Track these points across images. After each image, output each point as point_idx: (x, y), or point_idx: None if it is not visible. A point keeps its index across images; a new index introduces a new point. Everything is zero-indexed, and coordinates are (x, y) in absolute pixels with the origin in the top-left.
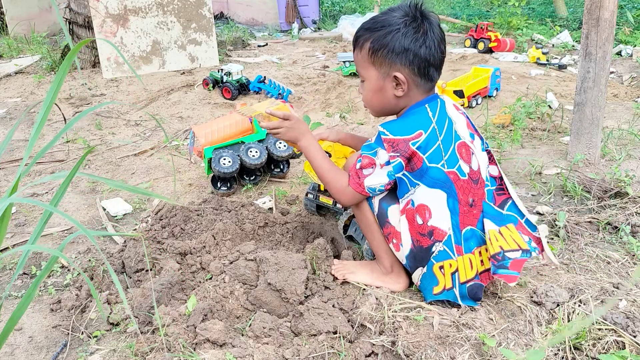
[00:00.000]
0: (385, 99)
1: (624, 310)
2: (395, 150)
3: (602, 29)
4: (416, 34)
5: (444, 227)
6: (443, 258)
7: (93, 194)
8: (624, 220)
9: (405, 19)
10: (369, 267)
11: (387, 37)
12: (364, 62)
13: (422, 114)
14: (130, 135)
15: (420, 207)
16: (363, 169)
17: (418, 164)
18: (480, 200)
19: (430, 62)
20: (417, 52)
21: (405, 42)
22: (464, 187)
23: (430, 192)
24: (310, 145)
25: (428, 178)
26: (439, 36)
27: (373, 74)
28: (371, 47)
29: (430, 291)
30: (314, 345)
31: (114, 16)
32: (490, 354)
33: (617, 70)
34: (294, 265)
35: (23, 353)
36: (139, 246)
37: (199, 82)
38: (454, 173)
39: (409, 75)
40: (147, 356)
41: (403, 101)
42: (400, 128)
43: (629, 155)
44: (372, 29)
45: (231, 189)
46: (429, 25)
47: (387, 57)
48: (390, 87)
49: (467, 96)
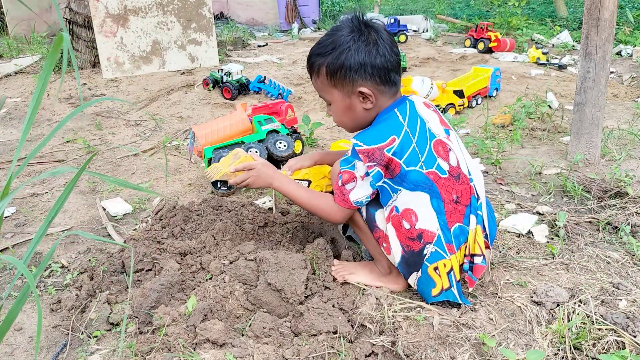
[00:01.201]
0: (355, 115)
1: (624, 310)
2: (372, 160)
3: (602, 29)
4: (367, 46)
5: (432, 228)
6: (436, 259)
7: (93, 194)
8: (624, 220)
9: (353, 35)
10: (368, 267)
11: (341, 57)
12: (325, 87)
13: (392, 119)
14: (130, 135)
15: (406, 211)
16: (345, 185)
17: (396, 170)
18: (465, 195)
19: (389, 68)
20: (374, 63)
21: (360, 57)
22: (445, 185)
23: (413, 196)
24: (283, 185)
25: (408, 182)
26: (389, 41)
27: (337, 95)
28: (328, 71)
29: (429, 294)
30: (314, 345)
31: (114, 16)
32: (490, 354)
33: (617, 70)
34: (294, 265)
35: (23, 353)
36: (139, 246)
37: (199, 82)
38: (434, 173)
39: (372, 87)
40: (147, 356)
41: (373, 111)
42: (372, 137)
43: (629, 155)
44: (323, 53)
45: (231, 189)
46: (377, 33)
47: (347, 76)
48: (357, 102)
49: (467, 96)
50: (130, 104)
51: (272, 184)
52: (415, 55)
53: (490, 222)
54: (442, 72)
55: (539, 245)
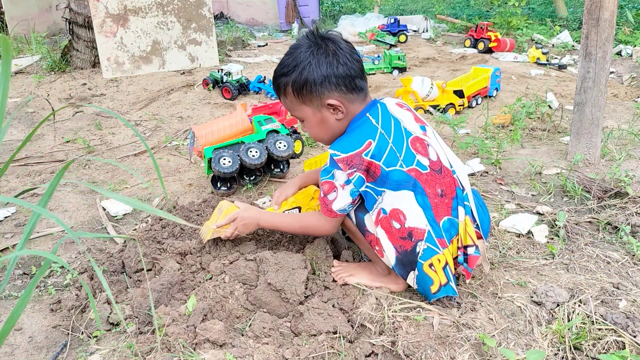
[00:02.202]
0: (329, 127)
1: (624, 310)
2: (352, 166)
3: (602, 29)
4: (327, 58)
5: (421, 225)
6: (430, 255)
7: (93, 194)
8: (624, 220)
9: (311, 50)
10: (367, 268)
11: (304, 73)
12: (295, 105)
13: (365, 124)
14: (130, 135)
15: (393, 212)
16: (327, 195)
17: (377, 172)
18: (449, 188)
19: (352, 76)
20: (337, 73)
21: (322, 70)
22: (428, 180)
23: (398, 195)
24: (269, 221)
25: (391, 182)
26: (348, 49)
27: (308, 111)
28: (294, 89)
29: (428, 292)
30: (314, 345)
31: (114, 16)
32: (490, 354)
33: (617, 70)
34: (294, 265)
35: (23, 353)
36: (139, 246)
37: (199, 82)
38: (415, 170)
39: (340, 97)
40: (147, 356)
41: (346, 120)
42: (348, 144)
43: (629, 155)
44: (286, 72)
45: (231, 189)
46: (335, 44)
47: (313, 91)
48: (329, 115)
49: (467, 96)
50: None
51: (259, 224)
52: (415, 55)
53: (480, 212)
54: (442, 72)
55: (539, 245)
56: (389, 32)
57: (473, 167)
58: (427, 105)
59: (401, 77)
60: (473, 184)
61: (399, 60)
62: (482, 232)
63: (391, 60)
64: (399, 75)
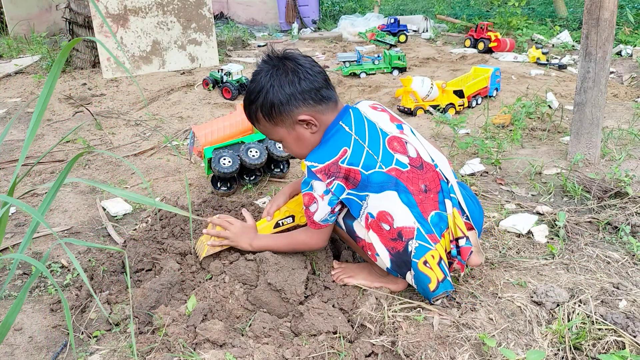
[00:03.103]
0: (307, 142)
1: (624, 310)
2: (330, 175)
3: (602, 29)
4: (288, 77)
5: (409, 223)
6: (423, 253)
7: (93, 194)
8: (624, 220)
9: (271, 72)
10: (367, 269)
11: (268, 96)
12: (269, 129)
13: (339, 132)
14: (130, 135)
15: (380, 214)
16: (309, 207)
17: (357, 177)
18: (433, 182)
19: (317, 88)
20: (301, 89)
21: (286, 90)
22: (410, 177)
23: (382, 197)
24: (261, 242)
25: (373, 185)
26: (307, 63)
27: (283, 132)
28: (264, 114)
29: (427, 290)
30: (314, 345)
31: (114, 16)
32: (490, 354)
33: (617, 70)
34: (294, 265)
35: (23, 353)
36: (139, 246)
37: (199, 82)
38: (395, 169)
39: (309, 111)
40: (147, 356)
41: (321, 131)
42: (324, 154)
43: (629, 155)
44: (253, 100)
45: (231, 189)
46: (292, 61)
47: (282, 111)
48: (303, 130)
49: (467, 96)
50: (130, 105)
51: (251, 245)
52: (415, 55)
53: (469, 203)
54: (442, 72)
55: (539, 245)
56: (389, 32)
57: (473, 167)
58: (427, 105)
59: (401, 77)
60: (473, 184)
61: (399, 60)
62: (473, 223)
63: (391, 60)
64: (399, 75)
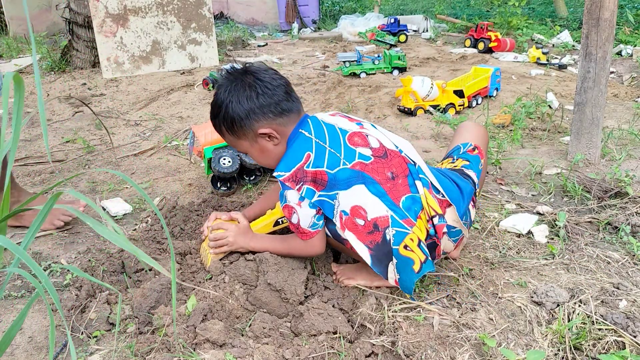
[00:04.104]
0: (271, 153)
1: (624, 310)
2: (298, 181)
3: (602, 29)
4: (245, 92)
5: (382, 212)
6: (401, 238)
7: (93, 194)
8: (624, 220)
9: (229, 87)
10: (366, 269)
11: (228, 111)
12: (234, 141)
13: (300, 138)
14: (130, 135)
15: (353, 209)
16: (291, 219)
17: (324, 178)
18: (400, 167)
19: (276, 102)
20: (259, 104)
21: (244, 105)
22: (374, 168)
23: (351, 192)
24: (259, 243)
25: (340, 182)
26: (267, 77)
27: (246, 144)
28: (226, 128)
29: (411, 272)
30: (314, 346)
31: (114, 16)
32: (490, 354)
33: (617, 70)
34: (294, 265)
35: (23, 353)
36: (139, 246)
37: (199, 82)
38: (359, 163)
39: (269, 124)
40: (147, 356)
41: (284, 142)
42: (289, 162)
43: (629, 155)
44: (216, 114)
45: (231, 189)
46: (252, 75)
47: (243, 126)
48: (265, 142)
49: (467, 96)
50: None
51: (249, 245)
52: (415, 55)
53: (443, 180)
54: (442, 72)
55: (539, 245)
56: (389, 32)
57: None
58: (427, 105)
59: (401, 77)
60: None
61: (399, 60)
62: (450, 200)
63: (391, 60)
64: (399, 75)
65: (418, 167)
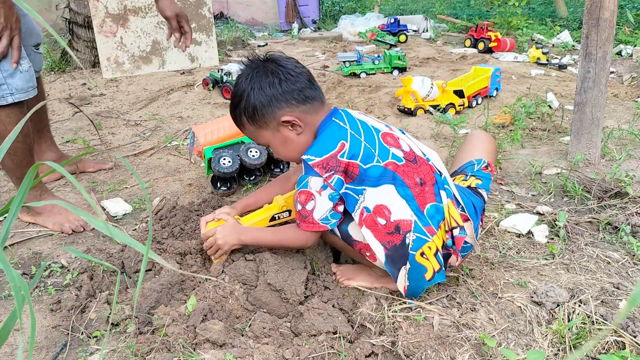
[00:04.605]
0: (294, 143)
1: None
2: (329, 169)
3: (602, 29)
4: (268, 78)
5: (407, 216)
6: (420, 244)
7: (93, 194)
8: (624, 220)
9: (250, 75)
10: (365, 270)
11: (250, 100)
12: (254, 133)
13: (333, 126)
14: (130, 135)
15: (377, 208)
16: (305, 206)
17: (355, 171)
18: (427, 175)
19: (298, 88)
20: (282, 90)
21: (267, 92)
22: (405, 171)
23: (379, 191)
24: (250, 235)
25: (370, 179)
26: (289, 64)
27: (268, 135)
28: (247, 118)
29: (422, 280)
30: (314, 346)
31: (114, 16)
32: (490, 354)
33: (617, 70)
34: (294, 265)
35: (23, 353)
36: (139, 246)
37: (198, 82)
38: (392, 163)
39: (292, 111)
40: (147, 356)
41: (308, 132)
42: (322, 148)
43: (629, 155)
44: (236, 104)
45: (231, 189)
46: (274, 63)
47: (265, 114)
48: (288, 132)
49: (467, 96)
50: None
51: (240, 239)
52: (415, 55)
53: (462, 195)
54: (442, 72)
55: (539, 245)
56: (389, 32)
57: None
58: (427, 105)
59: (401, 77)
60: None
61: (399, 60)
62: (468, 214)
63: (391, 60)
64: (399, 75)
65: (444, 178)
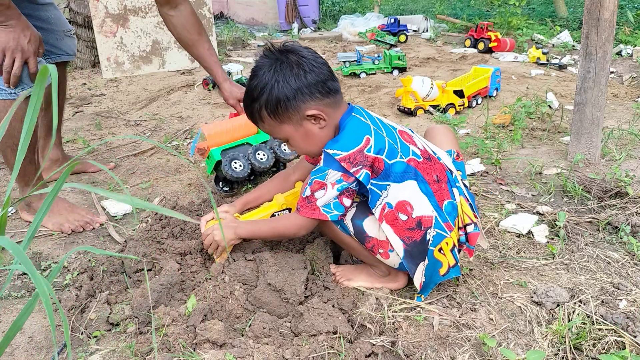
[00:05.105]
0: (316, 138)
1: (624, 310)
2: (356, 164)
3: (602, 29)
4: (293, 70)
5: (428, 212)
6: (439, 240)
7: (93, 194)
8: (624, 220)
9: (274, 67)
10: (365, 270)
11: (273, 93)
12: (274, 127)
13: (355, 121)
14: (130, 135)
15: (400, 204)
16: (314, 193)
17: (380, 166)
18: (441, 173)
19: (323, 80)
20: (307, 82)
21: (292, 84)
22: (424, 167)
23: (403, 187)
24: (246, 229)
25: (395, 174)
26: (310, 55)
27: (289, 129)
28: (269, 112)
29: (437, 275)
30: (314, 346)
31: (114, 16)
32: (490, 354)
33: (617, 70)
34: (294, 265)
35: (23, 353)
36: (139, 246)
37: (198, 82)
38: (413, 159)
39: (317, 105)
40: (147, 356)
41: (330, 126)
42: (347, 142)
43: (629, 155)
44: (256, 97)
45: (234, 190)
46: (295, 54)
47: (289, 107)
48: (311, 126)
49: (467, 96)
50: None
51: (236, 233)
52: (415, 55)
53: (469, 193)
54: (442, 72)
55: (539, 245)
56: (389, 32)
57: (473, 167)
58: (427, 105)
59: (401, 77)
60: (473, 184)
61: (399, 60)
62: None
63: (391, 60)
64: (399, 75)
65: (455, 176)
